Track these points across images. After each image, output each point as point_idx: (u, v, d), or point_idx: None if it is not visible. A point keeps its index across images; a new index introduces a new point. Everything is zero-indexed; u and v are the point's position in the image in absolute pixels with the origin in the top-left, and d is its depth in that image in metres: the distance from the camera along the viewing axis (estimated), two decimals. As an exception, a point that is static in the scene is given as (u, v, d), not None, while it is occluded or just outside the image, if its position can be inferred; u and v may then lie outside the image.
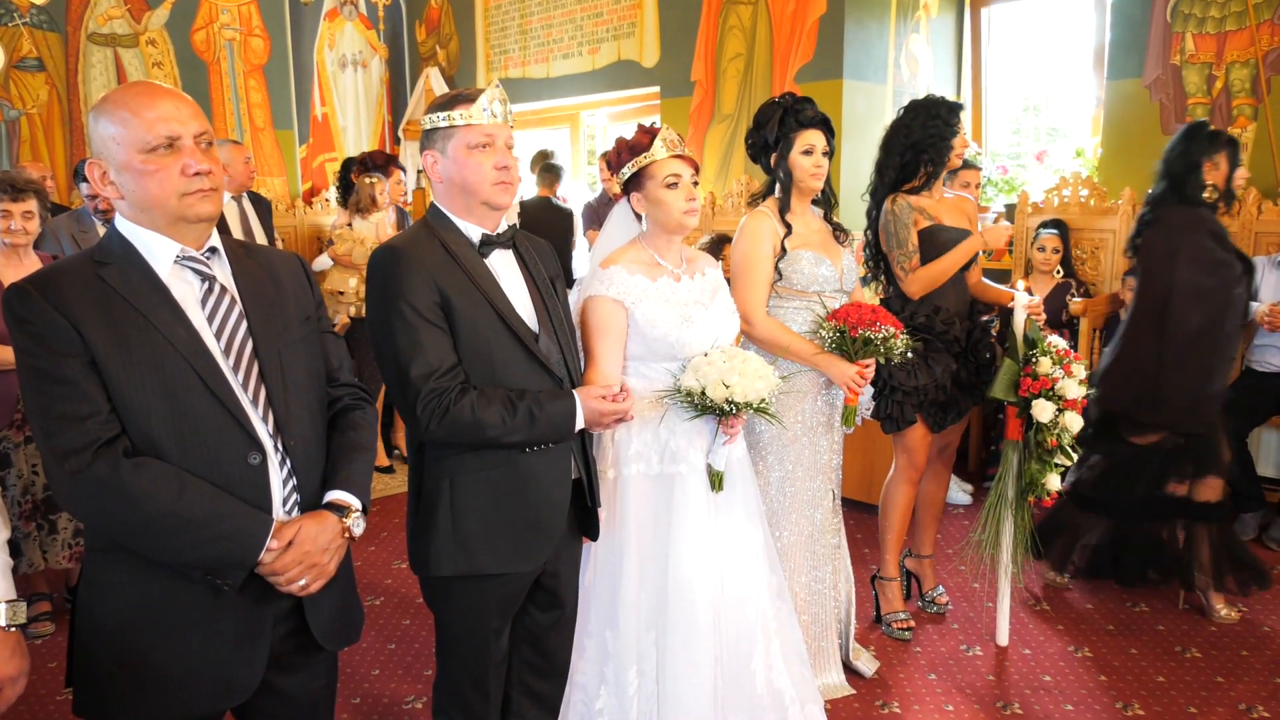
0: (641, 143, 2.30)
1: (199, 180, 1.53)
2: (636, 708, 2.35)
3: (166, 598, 1.54)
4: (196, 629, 1.55)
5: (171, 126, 1.51)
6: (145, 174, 1.50)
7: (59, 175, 6.95)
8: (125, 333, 1.48)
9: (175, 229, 1.56)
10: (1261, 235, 4.49)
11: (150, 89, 1.55)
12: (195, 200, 1.54)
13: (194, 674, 1.56)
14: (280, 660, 1.67)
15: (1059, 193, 5.14)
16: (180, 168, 1.51)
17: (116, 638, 1.55)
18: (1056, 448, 2.91)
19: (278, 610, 1.63)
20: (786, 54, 5.79)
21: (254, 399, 1.58)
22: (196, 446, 1.52)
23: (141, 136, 1.49)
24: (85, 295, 1.48)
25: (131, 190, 1.52)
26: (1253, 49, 4.61)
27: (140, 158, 1.50)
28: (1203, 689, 2.93)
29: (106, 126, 1.51)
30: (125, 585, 1.54)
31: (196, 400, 1.51)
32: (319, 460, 1.69)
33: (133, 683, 1.55)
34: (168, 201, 1.52)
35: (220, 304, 1.59)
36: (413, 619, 3.45)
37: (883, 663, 3.09)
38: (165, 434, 1.50)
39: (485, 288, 1.90)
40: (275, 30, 7.78)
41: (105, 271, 1.52)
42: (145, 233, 1.55)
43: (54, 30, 6.89)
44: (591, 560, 2.38)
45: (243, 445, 1.55)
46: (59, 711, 2.88)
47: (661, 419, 2.31)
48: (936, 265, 3.07)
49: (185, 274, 1.57)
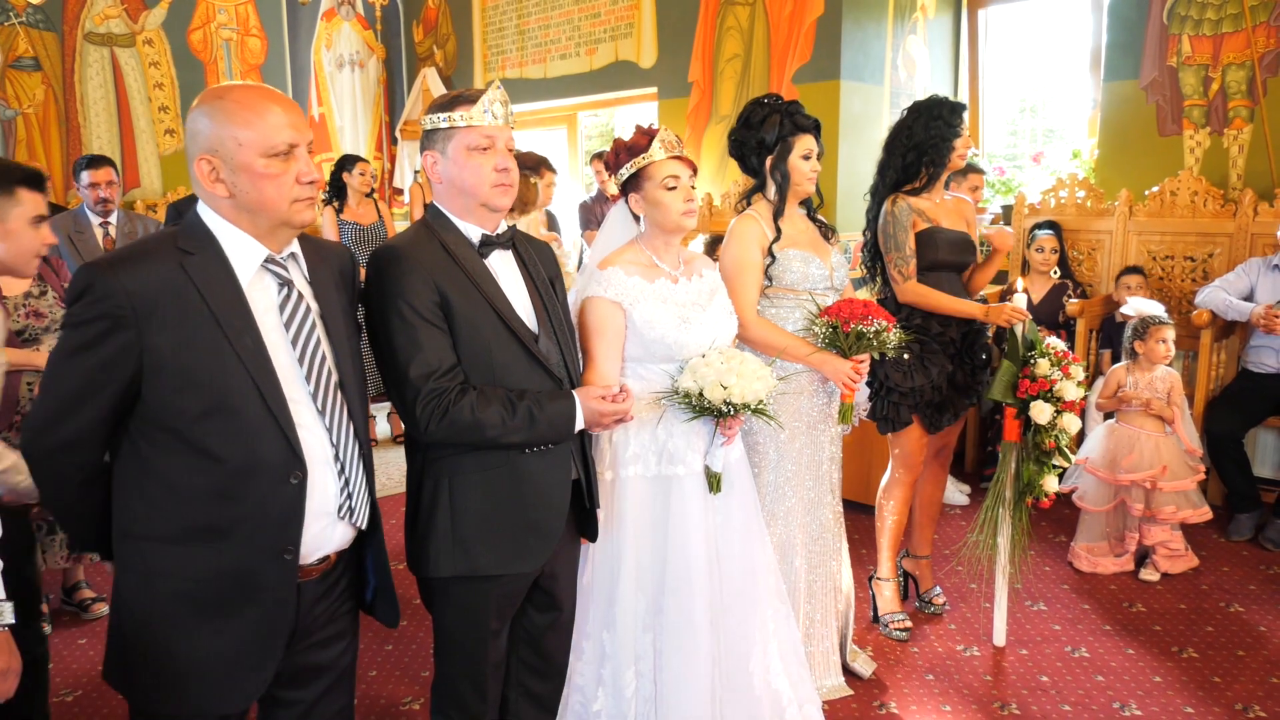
0: (640, 144, 2.30)
1: (309, 189, 1.57)
2: (634, 709, 2.35)
3: (211, 579, 1.58)
4: (218, 626, 1.59)
5: (292, 134, 1.55)
6: (265, 177, 1.53)
7: (55, 175, 6.95)
8: (192, 332, 1.50)
9: (273, 233, 1.59)
10: (1257, 236, 4.50)
11: (269, 93, 1.57)
12: (303, 207, 1.58)
13: (215, 670, 1.61)
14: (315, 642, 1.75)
15: (1056, 194, 5.15)
16: (296, 175, 1.55)
17: (146, 626, 1.60)
18: (1054, 449, 2.92)
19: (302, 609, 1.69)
20: (784, 55, 5.79)
21: (329, 409, 1.63)
22: (243, 456, 1.54)
23: (267, 140, 1.52)
24: (164, 280, 1.49)
25: (245, 191, 1.54)
26: (1249, 51, 4.62)
27: (262, 161, 1.52)
28: (1199, 689, 2.94)
29: (227, 126, 1.52)
30: (170, 573, 1.58)
31: (252, 412, 1.54)
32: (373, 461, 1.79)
33: (159, 672, 1.61)
34: (280, 206, 1.55)
35: (298, 311, 1.62)
36: (410, 620, 3.45)
37: (880, 663, 3.09)
38: (216, 438, 1.53)
39: (485, 288, 1.90)
40: (272, 30, 7.78)
41: (189, 262, 1.52)
42: (237, 233, 1.57)
43: (50, 30, 6.88)
44: (589, 561, 2.38)
45: (288, 464, 1.57)
46: (56, 713, 2.87)
47: (659, 420, 2.31)
48: (935, 296, 3.08)
49: (266, 278, 1.60)
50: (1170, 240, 4.80)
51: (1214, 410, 4.19)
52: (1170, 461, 3.71)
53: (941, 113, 3.07)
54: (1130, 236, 4.90)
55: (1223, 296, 4.18)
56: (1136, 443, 3.76)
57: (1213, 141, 4.77)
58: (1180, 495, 3.74)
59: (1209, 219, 4.67)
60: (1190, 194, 4.71)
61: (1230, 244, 4.60)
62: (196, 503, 1.55)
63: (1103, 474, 3.79)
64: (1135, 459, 3.72)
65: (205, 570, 1.56)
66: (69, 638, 3.35)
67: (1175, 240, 4.79)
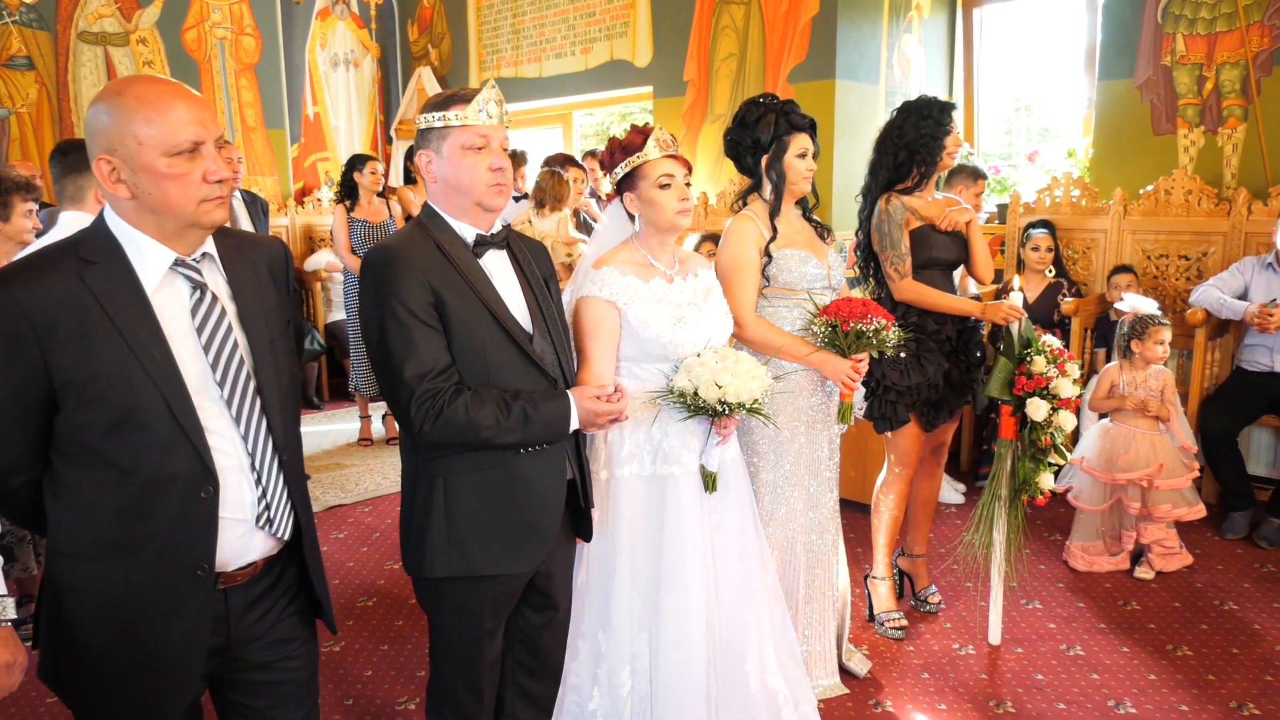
0: (634, 142, 2.29)
1: (218, 187, 1.49)
2: (630, 708, 2.35)
3: (124, 595, 1.53)
4: (153, 625, 1.55)
5: (197, 130, 1.46)
6: (168, 178, 1.45)
7: (48, 174, 6.92)
8: (95, 347, 1.43)
9: (180, 235, 1.51)
10: (1251, 235, 4.51)
11: (171, 87, 1.48)
12: (212, 207, 1.50)
13: (137, 685, 1.57)
14: (273, 643, 1.70)
15: (1050, 193, 5.15)
16: (202, 173, 1.47)
17: (81, 631, 1.55)
18: (1050, 447, 2.92)
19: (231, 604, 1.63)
20: (779, 54, 5.79)
21: (244, 416, 1.55)
22: (151, 469, 1.47)
23: (168, 139, 1.44)
24: (62, 296, 1.42)
25: (148, 192, 1.46)
26: (1243, 50, 4.63)
27: (165, 161, 1.44)
28: (1194, 687, 2.94)
29: (127, 124, 1.43)
30: (84, 589, 1.54)
31: (160, 424, 1.47)
32: (301, 466, 1.70)
33: (99, 673, 1.57)
34: (186, 207, 1.47)
35: (211, 314, 1.54)
36: (405, 620, 3.45)
37: (875, 662, 3.09)
38: (123, 452, 1.47)
39: (479, 288, 1.90)
40: (267, 29, 7.76)
41: (89, 273, 1.45)
42: (141, 236, 1.49)
43: (44, 29, 6.86)
44: (585, 561, 2.38)
45: (198, 477, 1.50)
46: (49, 713, 2.87)
47: (654, 420, 2.30)
48: (931, 293, 3.08)
49: (176, 281, 1.53)
50: (1165, 239, 4.81)
51: (1208, 409, 4.20)
52: (1166, 459, 3.72)
53: (931, 112, 3.07)
54: (1125, 235, 4.91)
55: (1217, 295, 4.19)
56: (1133, 441, 3.76)
57: (1207, 140, 4.78)
58: (1176, 493, 3.75)
59: (1203, 218, 4.68)
60: (1185, 193, 4.72)
61: (1224, 243, 4.61)
62: (107, 518, 1.49)
63: (1099, 474, 3.79)
64: (1131, 457, 3.73)
65: (117, 586, 1.51)
66: (63, 639, 3.34)
67: (1170, 239, 4.79)
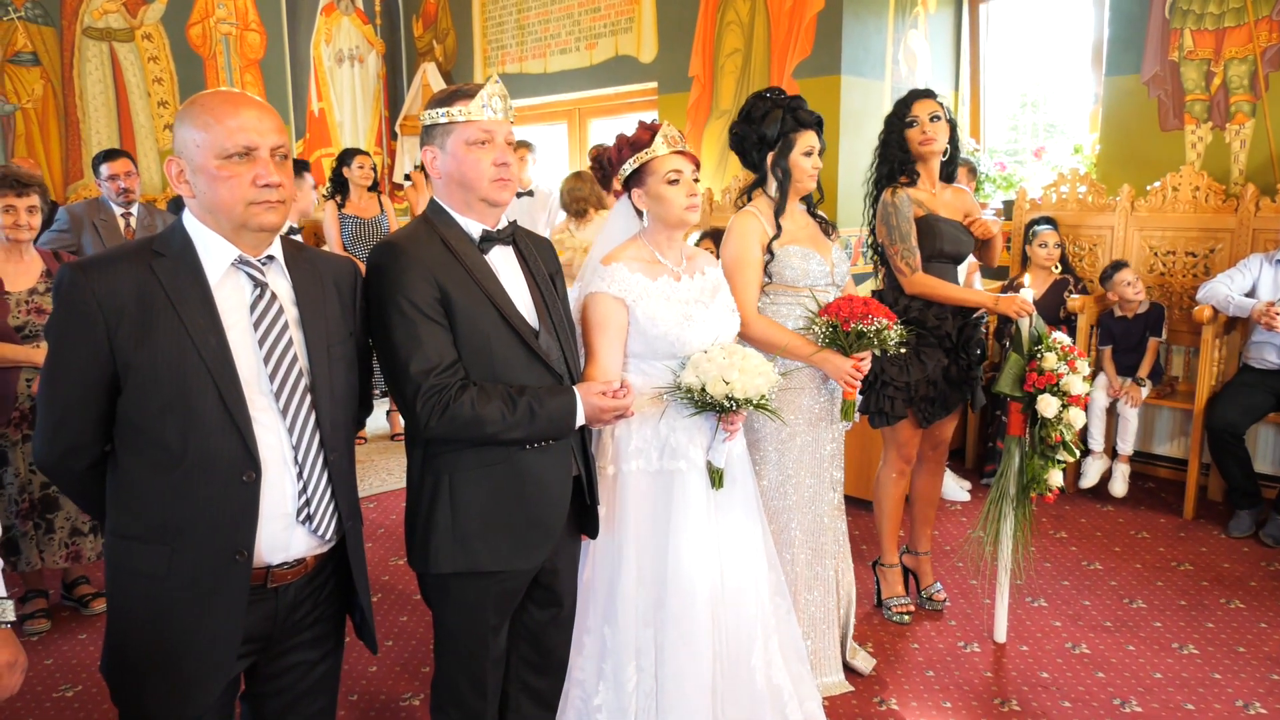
0: (642, 139, 2.29)
1: (267, 192, 1.57)
2: (635, 704, 2.34)
3: (167, 577, 1.60)
4: (190, 607, 1.61)
5: (250, 137, 1.56)
6: (218, 179, 1.55)
7: (55, 171, 6.93)
8: (157, 331, 1.53)
9: (238, 235, 1.61)
10: (1259, 232, 4.49)
11: (236, 98, 1.60)
12: (261, 210, 1.58)
13: (179, 671, 1.63)
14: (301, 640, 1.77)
15: (1057, 189, 5.14)
16: (252, 177, 1.56)
17: (122, 623, 1.64)
18: (1060, 443, 2.91)
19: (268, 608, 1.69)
20: (784, 49, 5.77)
21: (292, 411, 1.62)
22: (198, 452, 1.56)
23: (220, 143, 1.54)
24: (132, 283, 1.54)
25: (203, 192, 1.57)
26: (1251, 45, 4.61)
27: (216, 163, 1.55)
28: (1200, 685, 2.93)
29: (189, 130, 1.56)
30: (136, 570, 1.61)
31: (209, 409, 1.55)
32: (351, 473, 1.77)
33: (130, 669, 1.64)
34: (235, 208, 1.57)
35: (269, 311, 1.63)
36: (410, 615, 3.45)
37: (880, 660, 3.09)
38: (173, 434, 1.55)
39: (485, 284, 1.89)
40: (272, 25, 7.75)
41: (158, 264, 1.57)
42: (208, 233, 1.60)
43: (49, 25, 6.86)
44: (590, 557, 2.38)
45: (241, 461, 1.57)
46: (55, 708, 2.87)
47: (661, 415, 2.30)
48: (943, 286, 3.09)
49: (239, 278, 1.62)
50: (1172, 236, 4.79)
51: (1215, 406, 4.18)
52: None
53: (897, 107, 3.13)
54: (1131, 232, 4.89)
55: (1224, 292, 4.18)
56: None
57: (1214, 136, 4.76)
58: None
59: (1211, 214, 4.66)
60: (1192, 189, 4.70)
61: (1232, 239, 4.59)
62: (155, 501, 1.57)
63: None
64: None
65: (163, 568, 1.58)
66: (69, 633, 3.35)
67: (1177, 236, 4.78)
